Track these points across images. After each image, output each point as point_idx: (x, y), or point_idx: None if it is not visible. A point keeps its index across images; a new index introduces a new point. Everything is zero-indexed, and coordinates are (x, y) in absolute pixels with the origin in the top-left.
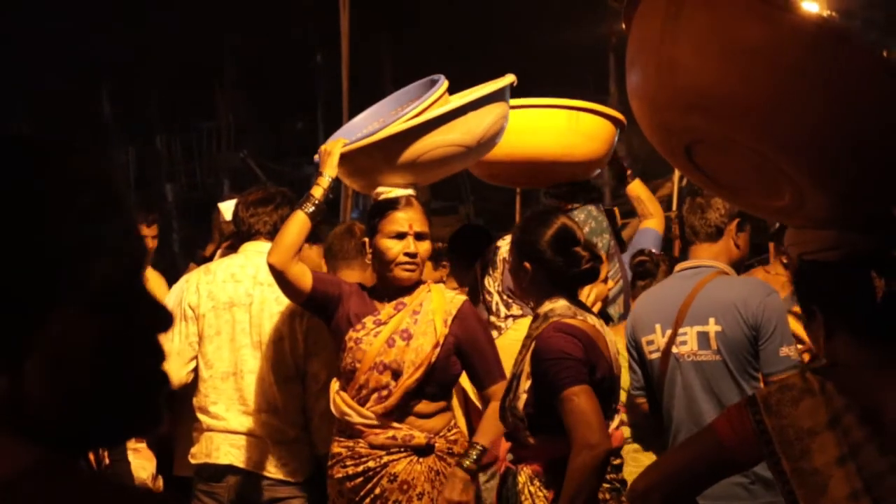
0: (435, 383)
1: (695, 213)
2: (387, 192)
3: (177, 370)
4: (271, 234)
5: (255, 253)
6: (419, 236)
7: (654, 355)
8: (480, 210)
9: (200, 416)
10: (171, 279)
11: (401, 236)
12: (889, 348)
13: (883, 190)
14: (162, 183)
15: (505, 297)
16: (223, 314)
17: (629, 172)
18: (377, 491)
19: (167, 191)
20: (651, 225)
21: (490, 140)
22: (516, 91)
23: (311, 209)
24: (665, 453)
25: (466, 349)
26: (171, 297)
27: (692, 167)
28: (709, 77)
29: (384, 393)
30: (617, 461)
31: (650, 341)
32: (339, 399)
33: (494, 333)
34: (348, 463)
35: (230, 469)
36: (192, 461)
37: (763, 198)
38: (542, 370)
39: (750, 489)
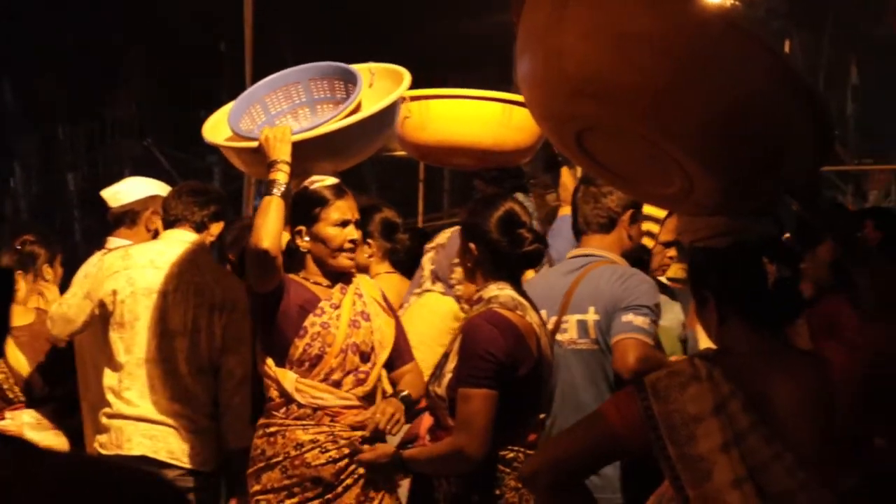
0: (389, 360)
1: (588, 203)
2: (320, 180)
3: (59, 330)
4: (196, 226)
5: (178, 241)
6: (357, 224)
7: None
8: (383, 198)
9: (112, 401)
10: (74, 269)
11: (345, 224)
12: (779, 335)
13: (771, 176)
14: (64, 172)
15: (433, 275)
16: (142, 300)
17: (559, 159)
18: (360, 471)
19: (69, 180)
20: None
21: (393, 126)
22: (425, 80)
23: (283, 191)
24: (553, 437)
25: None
26: (81, 272)
27: (583, 155)
28: (596, 63)
29: (361, 376)
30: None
31: None
32: (304, 386)
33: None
34: (330, 447)
35: (143, 460)
36: (102, 451)
37: (653, 185)
38: (460, 357)
39: None
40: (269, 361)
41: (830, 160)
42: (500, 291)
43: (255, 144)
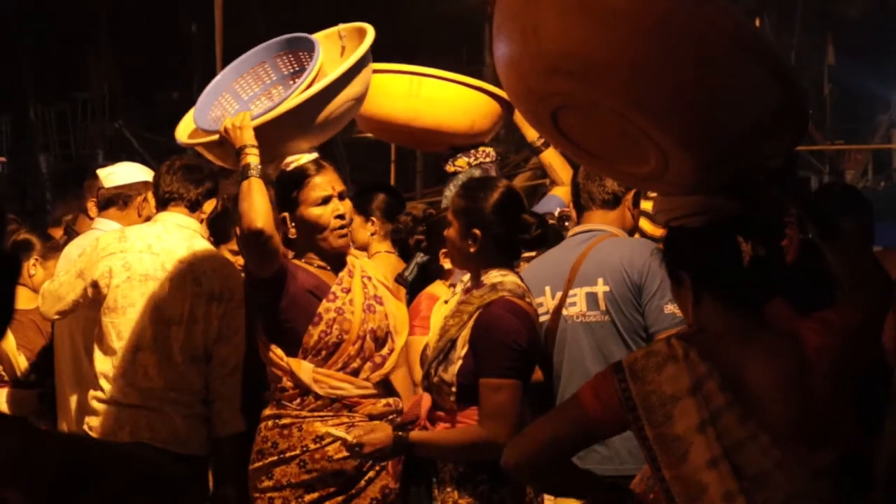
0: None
1: (592, 180)
2: (296, 160)
3: (48, 307)
4: (191, 204)
5: (175, 226)
6: (341, 196)
7: (544, 318)
8: (358, 179)
9: (105, 386)
10: None
11: (327, 200)
12: (754, 314)
13: (747, 154)
14: (36, 154)
15: None
16: (138, 286)
17: (542, 142)
18: (383, 462)
19: (41, 162)
20: (559, 193)
21: (365, 88)
22: (393, 60)
23: (258, 173)
24: (533, 423)
25: None
26: (71, 249)
27: (560, 135)
28: (572, 39)
29: (378, 360)
30: None
31: (539, 304)
32: (322, 376)
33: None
34: None
35: (136, 446)
36: (94, 435)
37: (628, 164)
38: (483, 346)
39: None
40: (279, 351)
41: (806, 140)
42: (503, 278)
43: (216, 138)
